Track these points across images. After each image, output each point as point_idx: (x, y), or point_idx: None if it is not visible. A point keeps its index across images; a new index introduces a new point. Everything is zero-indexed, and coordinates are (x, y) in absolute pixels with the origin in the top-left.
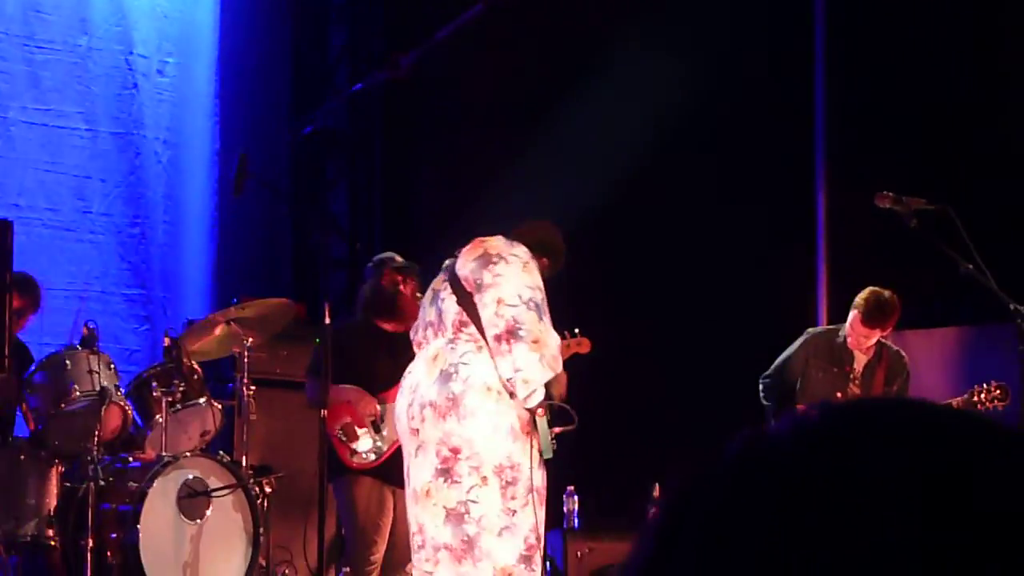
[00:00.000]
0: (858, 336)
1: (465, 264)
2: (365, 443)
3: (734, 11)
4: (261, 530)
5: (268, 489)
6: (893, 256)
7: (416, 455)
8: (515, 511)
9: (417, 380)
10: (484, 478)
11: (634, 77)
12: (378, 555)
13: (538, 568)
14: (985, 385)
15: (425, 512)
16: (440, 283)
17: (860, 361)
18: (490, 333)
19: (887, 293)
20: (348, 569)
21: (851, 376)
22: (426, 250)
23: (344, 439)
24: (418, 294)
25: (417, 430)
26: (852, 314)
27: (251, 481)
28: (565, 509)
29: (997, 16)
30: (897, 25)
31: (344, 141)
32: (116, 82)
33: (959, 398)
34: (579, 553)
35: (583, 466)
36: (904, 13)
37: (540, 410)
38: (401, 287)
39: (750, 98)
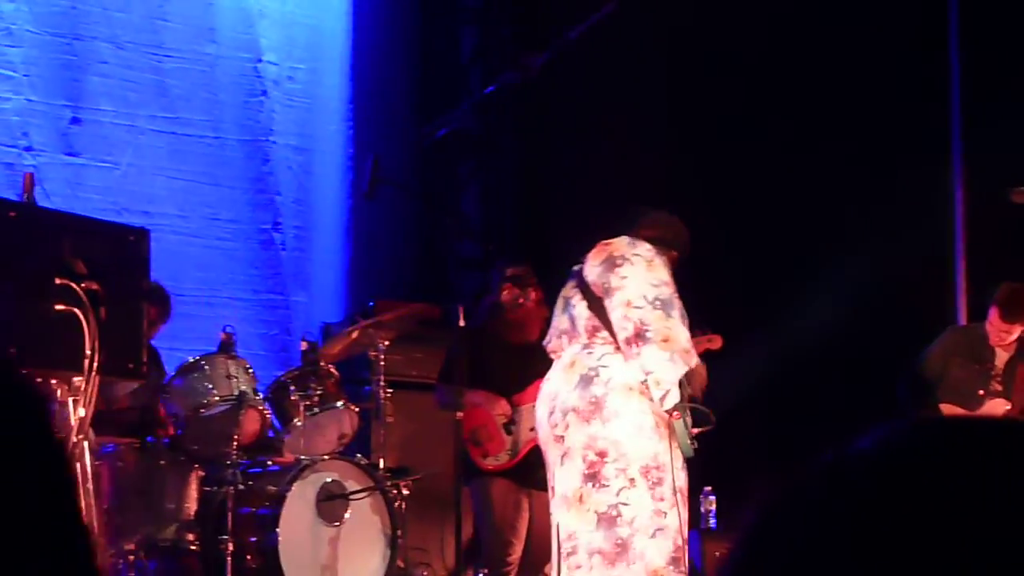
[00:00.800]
0: (998, 331)
1: (592, 269)
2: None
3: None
4: (399, 532)
5: (405, 491)
6: None
7: (562, 463)
8: (664, 512)
9: (556, 388)
10: (632, 479)
11: (767, 67)
12: (514, 556)
13: (686, 569)
14: None
15: (578, 518)
16: (570, 290)
17: (1001, 358)
18: (620, 337)
19: (1021, 286)
20: (486, 570)
21: (992, 373)
22: (559, 251)
23: (477, 443)
24: (540, 299)
25: (562, 437)
26: (991, 310)
27: (388, 483)
28: (702, 509)
29: None
30: None
31: (476, 143)
32: (243, 89)
33: None
34: (717, 553)
35: (721, 465)
36: None
37: (676, 413)
38: (521, 299)
39: (888, 87)
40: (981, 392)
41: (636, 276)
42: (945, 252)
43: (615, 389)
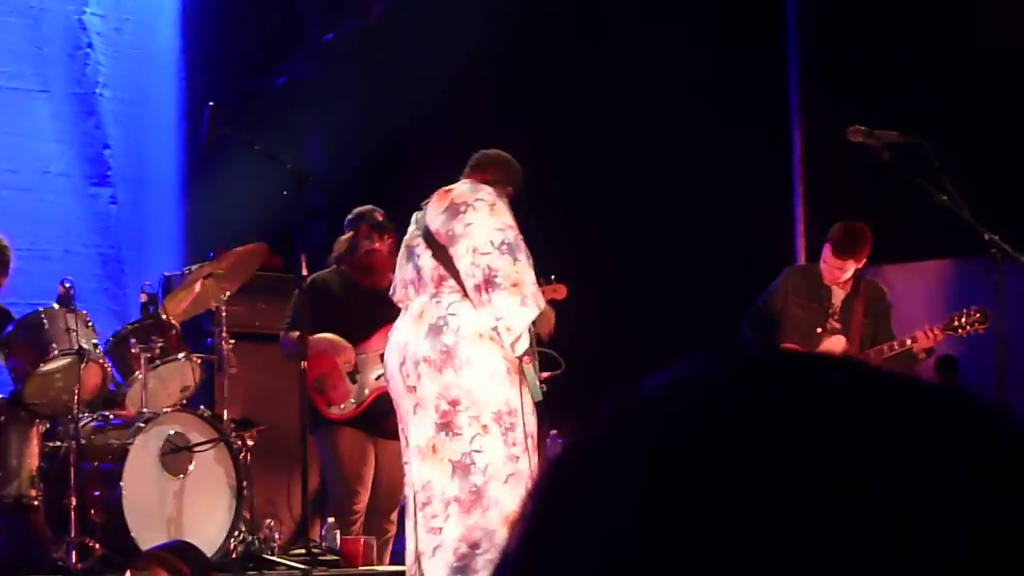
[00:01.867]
0: (832, 269)
1: (435, 217)
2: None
3: None
4: (244, 484)
5: (250, 443)
6: (871, 192)
7: (415, 412)
8: (517, 457)
9: (405, 338)
10: (484, 426)
11: (608, 16)
12: (361, 504)
13: None
14: (965, 310)
15: (433, 468)
16: (413, 239)
17: (838, 296)
18: (469, 285)
19: (857, 224)
20: (333, 519)
21: (830, 311)
22: (403, 200)
23: (321, 392)
24: (392, 246)
25: (414, 387)
26: (824, 248)
27: (233, 435)
28: (550, 454)
29: None
30: None
31: (318, 91)
32: (70, 42)
33: (939, 324)
34: None
35: (568, 411)
36: None
37: (527, 357)
38: (377, 244)
39: (722, 35)
40: (819, 330)
41: (480, 222)
42: (783, 191)
43: (466, 337)
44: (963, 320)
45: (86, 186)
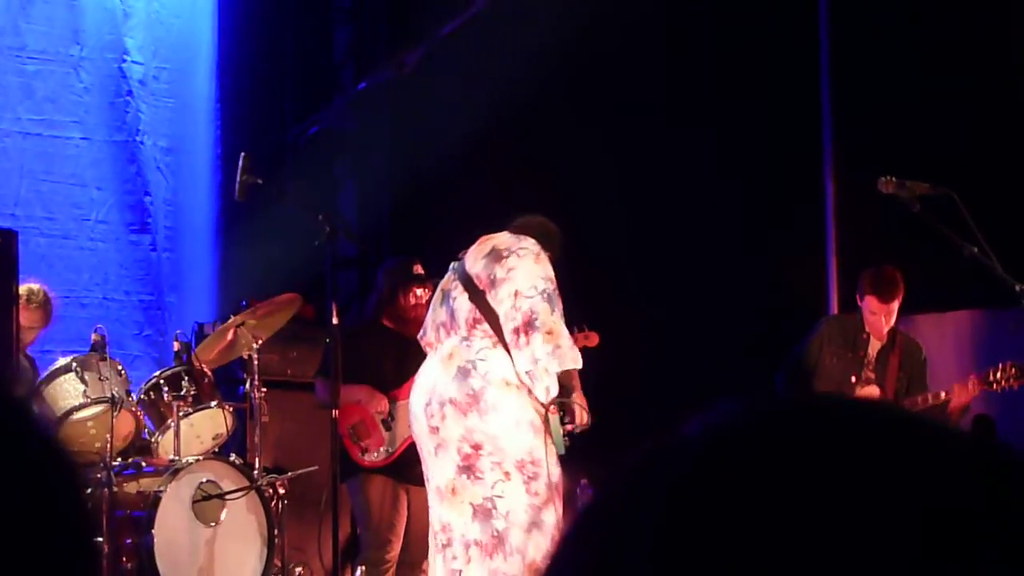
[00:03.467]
0: (878, 317)
1: (475, 262)
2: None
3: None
4: (276, 531)
5: (281, 490)
6: (902, 243)
7: (436, 454)
8: (539, 508)
9: (433, 380)
10: (507, 473)
11: (639, 61)
12: (393, 553)
13: None
14: (1001, 364)
15: (452, 510)
16: (449, 283)
17: (874, 347)
18: (508, 327)
19: (885, 267)
20: (364, 568)
21: (865, 360)
22: (434, 249)
23: (356, 440)
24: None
25: (437, 428)
26: (866, 299)
27: (264, 483)
28: (580, 504)
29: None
30: (902, 5)
31: (351, 141)
32: (110, 90)
33: (974, 376)
34: None
35: (597, 460)
36: None
37: (553, 408)
38: (423, 297)
39: (756, 82)
40: (853, 379)
41: (524, 267)
42: (816, 242)
43: (493, 383)
44: (998, 375)
45: (127, 233)
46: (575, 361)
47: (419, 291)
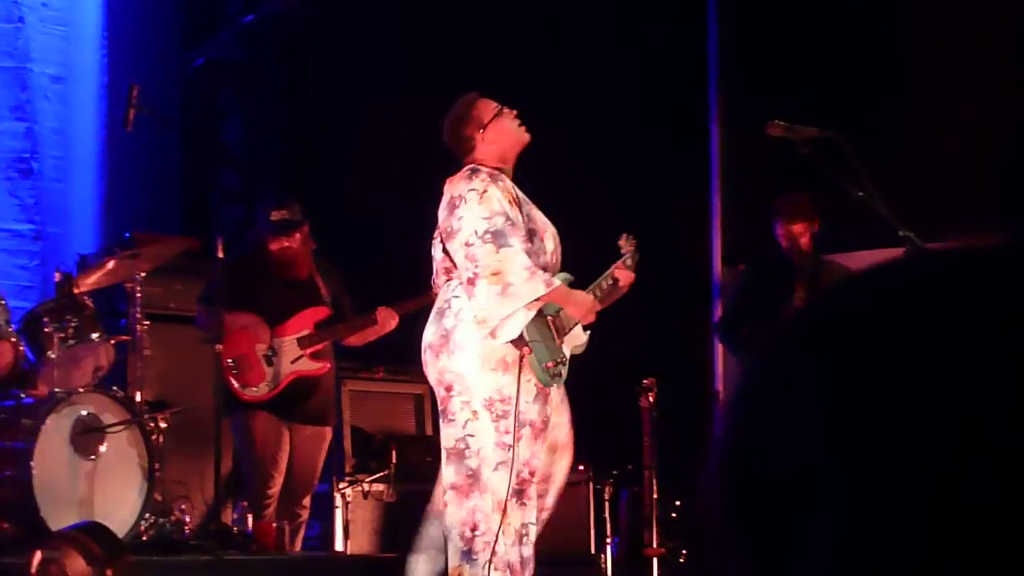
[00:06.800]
0: (781, 237)
1: (441, 212)
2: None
3: None
4: (157, 466)
5: (163, 425)
6: (789, 186)
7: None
8: (508, 445)
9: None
10: (475, 412)
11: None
12: (275, 489)
13: (530, 502)
14: None
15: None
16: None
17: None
18: (464, 279)
19: (792, 192)
20: (245, 503)
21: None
22: (321, 181)
23: (237, 373)
24: (306, 234)
25: (427, 376)
26: (775, 225)
27: (146, 417)
28: None
29: None
30: None
31: (237, 72)
32: (1, 16)
33: None
34: None
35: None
36: None
37: (526, 348)
38: (286, 242)
39: (643, 26)
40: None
41: (468, 214)
42: (702, 187)
43: (463, 321)
44: None
45: (13, 162)
46: (533, 291)
47: (282, 241)
